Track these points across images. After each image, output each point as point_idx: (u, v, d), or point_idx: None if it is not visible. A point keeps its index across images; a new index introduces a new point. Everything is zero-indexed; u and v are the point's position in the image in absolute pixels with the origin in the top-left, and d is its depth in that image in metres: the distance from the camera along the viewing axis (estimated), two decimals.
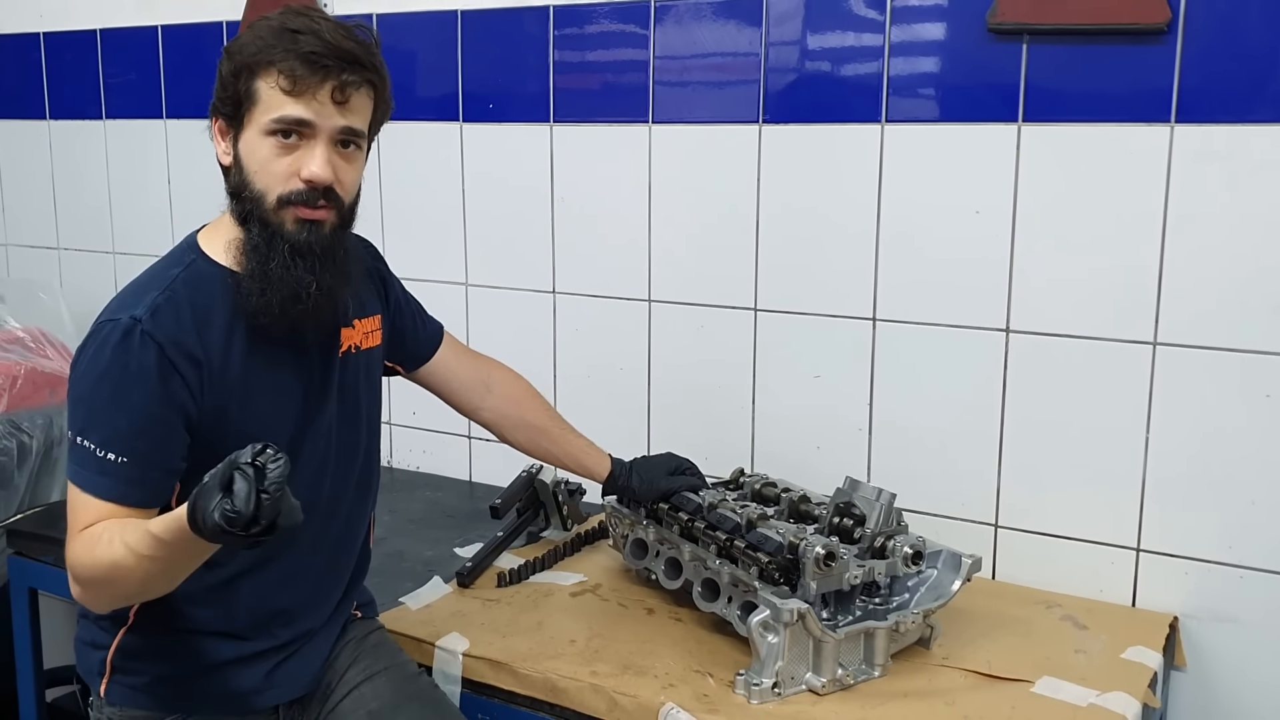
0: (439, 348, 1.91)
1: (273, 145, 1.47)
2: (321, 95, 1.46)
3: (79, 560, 1.43)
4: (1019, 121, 1.99)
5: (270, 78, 1.46)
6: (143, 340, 1.45)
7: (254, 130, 1.48)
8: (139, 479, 1.45)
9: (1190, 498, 1.96)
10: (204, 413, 1.49)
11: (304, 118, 1.46)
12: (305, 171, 1.47)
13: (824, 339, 2.22)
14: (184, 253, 1.58)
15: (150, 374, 1.45)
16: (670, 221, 2.36)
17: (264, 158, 1.48)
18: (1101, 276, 1.97)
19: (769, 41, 2.20)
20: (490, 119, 2.54)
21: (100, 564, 1.40)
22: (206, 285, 1.53)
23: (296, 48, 1.44)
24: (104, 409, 1.45)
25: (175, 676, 1.62)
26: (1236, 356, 1.89)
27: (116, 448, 1.44)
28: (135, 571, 1.37)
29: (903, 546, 1.77)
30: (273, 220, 1.49)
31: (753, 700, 1.66)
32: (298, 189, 1.48)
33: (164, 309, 1.48)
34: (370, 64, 1.50)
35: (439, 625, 1.90)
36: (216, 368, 1.50)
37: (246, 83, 1.47)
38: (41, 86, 3.24)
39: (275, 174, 1.48)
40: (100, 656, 1.64)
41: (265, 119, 1.47)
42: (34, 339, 2.75)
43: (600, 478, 2.00)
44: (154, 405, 1.45)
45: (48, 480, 2.62)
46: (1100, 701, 1.67)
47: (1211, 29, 1.84)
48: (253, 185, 1.49)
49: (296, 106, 1.46)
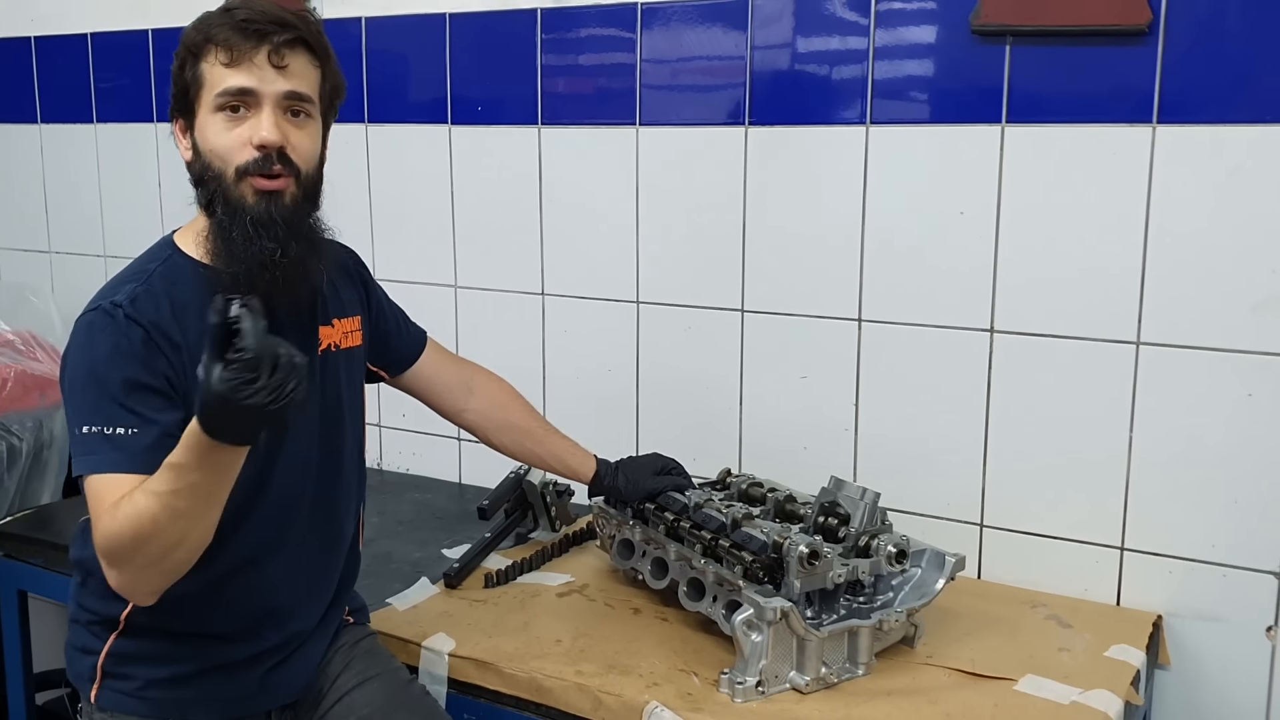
0: (423, 353, 1.92)
1: (222, 120, 1.49)
2: (259, 59, 1.48)
3: (106, 533, 1.39)
4: (1002, 122, 2.01)
5: (210, 56, 1.49)
6: (128, 322, 1.47)
7: (204, 112, 1.50)
8: (151, 445, 1.43)
9: (1173, 497, 1.97)
10: (183, 399, 1.49)
11: (245, 85, 1.48)
12: (255, 138, 1.49)
13: (810, 340, 2.23)
14: (160, 249, 1.60)
15: (138, 349, 1.46)
16: (658, 223, 2.37)
17: (215, 132, 1.50)
18: (1085, 277, 1.98)
19: (754, 45, 2.21)
20: (479, 121, 2.54)
21: (126, 524, 1.36)
22: (182, 278, 1.55)
23: (229, 20, 1.48)
24: (101, 389, 1.45)
25: (167, 681, 1.61)
26: (1219, 356, 1.90)
27: (123, 421, 1.44)
28: (162, 516, 1.34)
29: (887, 545, 1.78)
30: (233, 196, 1.50)
31: (737, 699, 1.67)
32: (252, 157, 1.49)
33: (143, 298, 1.50)
34: (304, 27, 1.52)
35: (425, 625, 1.91)
36: (194, 356, 1.48)
37: (191, 69, 1.50)
38: (33, 90, 3.24)
39: (230, 147, 1.49)
40: (91, 662, 1.63)
41: (210, 96, 1.49)
42: (24, 342, 2.75)
43: (585, 479, 2.00)
44: (146, 377, 1.46)
45: (37, 483, 2.63)
46: (1083, 699, 1.68)
47: (1192, 31, 1.86)
48: (212, 165, 1.51)
49: (237, 75, 1.48)
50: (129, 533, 1.37)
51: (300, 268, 1.53)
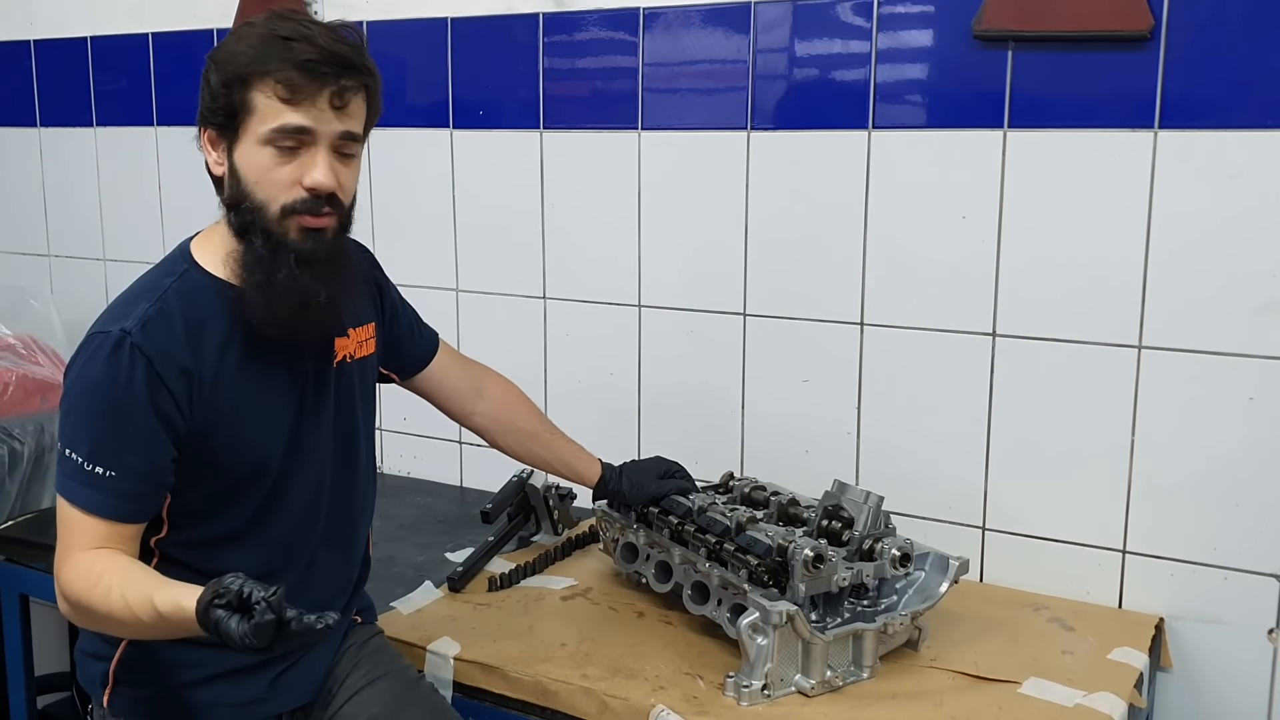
0: (435, 355, 1.91)
1: (271, 154, 1.45)
2: (320, 102, 1.45)
3: (74, 588, 1.43)
4: (1005, 128, 2.01)
5: (266, 87, 1.44)
6: (132, 354, 1.44)
7: (250, 140, 1.46)
8: (126, 493, 1.45)
9: (1175, 500, 1.98)
10: (194, 426, 1.49)
11: (304, 125, 1.45)
12: (308, 179, 1.46)
13: (812, 343, 2.24)
14: (176, 262, 1.56)
15: (138, 388, 1.44)
16: (660, 227, 2.37)
17: (263, 167, 1.46)
18: (1087, 281, 1.99)
19: (757, 48, 2.21)
20: (480, 125, 2.55)
21: (96, 606, 1.41)
22: (199, 297, 1.52)
23: (291, 56, 1.43)
24: (91, 421, 1.45)
25: (179, 686, 1.61)
26: (1220, 360, 1.91)
27: (104, 461, 1.44)
28: (127, 625, 1.40)
29: (891, 549, 1.78)
30: (276, 231, 1.47)
31: (742, 702, 1.67)
32: (301, 198, 1.47)
33: (155, 321, 1.47)
34: (365, 68, 1.49)
35: (430, 629, 1.91)
36: (208, 381, 1.49)
37: (240, 93, 1.45)
38: (32, 94, 3.24)
39: (277, 183, 1.46)
40: (103, 667, 1.62)
41: (263, 129, 1.45)
42: (25, 346, 2.74)
43: (590, 483, 2.01)
44: (141, 419, 1.45)
45: (38, 487, 2.62)
46: (1087, 702, 1.69)
47: (1194, 36, 1.86)
48: (253, 196, 1.47)
49: (296, 115, 1.44)
50: (95, 614, 1.43)
51: (334, 308, 1.53)
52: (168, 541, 1.56)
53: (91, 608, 1.42)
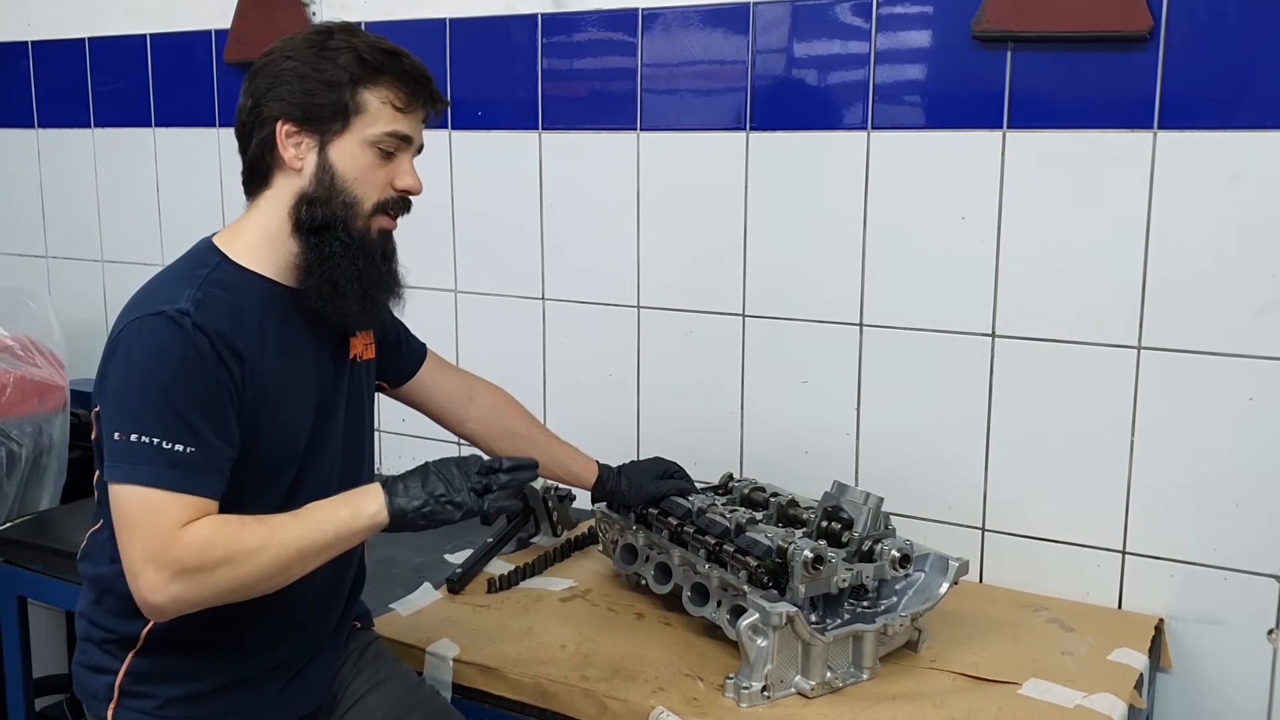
0: (423, 364, 1.92)
1: (374, 156, 1.54)
2: (421, 115, 1.58)
3: (215, 544, 1.41)
4: (1004, 128, 2.01)
5: (383, 91, 1.53)
6: (195, 330, 1.44)
7: (354, 140, 1.53)
8: (210, 467, 1.44)
9: (1175, 501, 1.98)
10: (244, 407, 1.49)
11: (409, 134, 1.56)
12: (401, 183, 1.57)
13: (811, 344, 2.24)
14: (205, 255, 1.56)
15: (208, 361, 1.44)
16: (658, 228, 2.37)
17: (365, 166, 1.54)
18: (1086, 282, 1.99)
19: (756, 49, 2.21)
20: (479, 126, 2.55)
21: (257, 540, 1.43)
22: (236, 285, 1.53)
23: (403, 69, 1.54)
24: (163, 400, 1.42)
25: (187, 698, 1.59)
26: (1220, 360, 1.91)
27: (181, 437, 1.41)
28: (274, 564, 1.44)
29: (890, 550, 1.78)
30: (359, 228, 1.55)
31: (742, 703, 1.67)
32: (392, 198, 1.58)
33: (205, 304, 1.47)
34: (439, 92, 1.62)
35: (429, 631, 1.91)
36: (255, 365, 1.50)
37: (353, 92, 1.52)
38: (30, 95, 3.24)
39: (374, 183, 1.55)
40: (107, 681, 1.59)
41: (373, 131, 1.53)
42: (23, 347, 2.74)
43: (587, 484, 2.00)
44: (213, 392, 1.44)
45: (36, 489, 2.62)
46: (1087, 703, 1.68)
47: (1193, 37, 1.86)
48: (348, 192, 1.54)
49: (405, 123, 1.55)
50: (220, 560, 1.41)
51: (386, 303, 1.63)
52: None
53: (249, 545, 1.42)
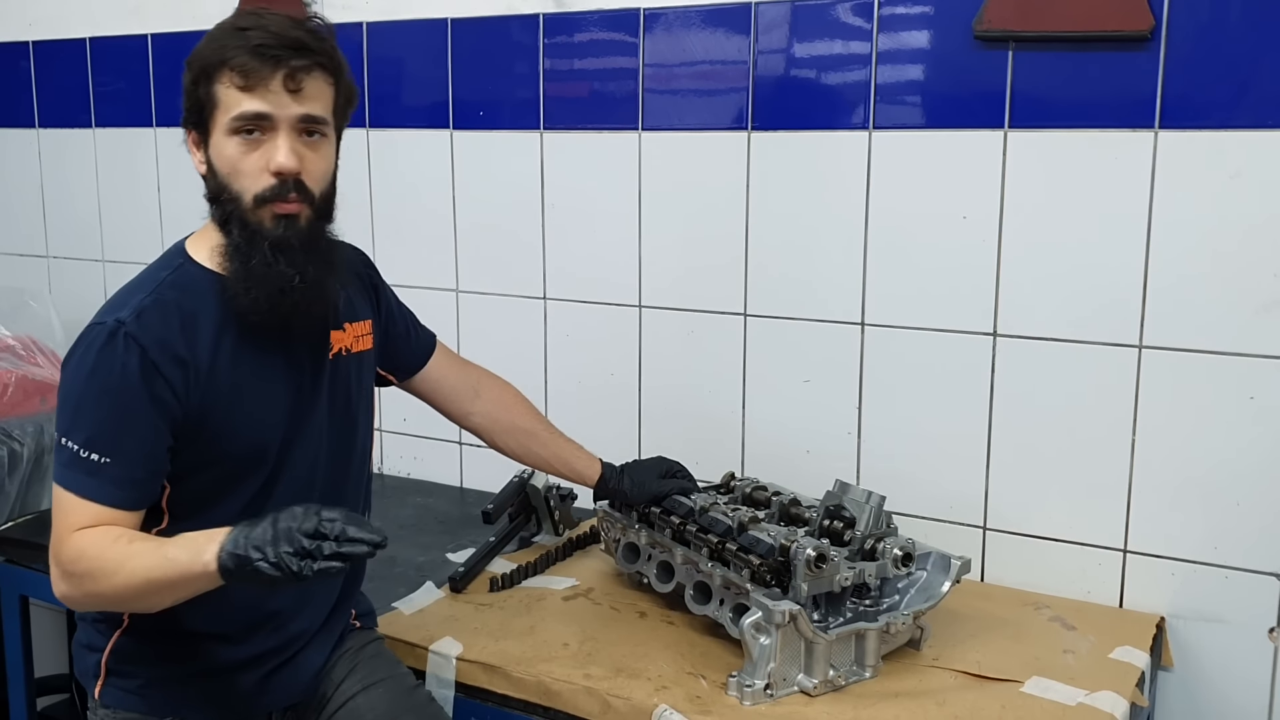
0: (432, 356, 1.92)
1: (238, 144, 1.49)
2: (274, 85, 1.47)
3: (87, 553, 1.45)
4: (1005, 128, 2.02)
5: (225, 78, 1.48)
6: (126, 343, 1.47)
7: (219, 133, 1.50)
8: (124, 479, 1.48)
9: (1176, 499, 1.98)
10: (189, 414, 1.51)
11: (261, 110, 1.47)
12: (272, 164, 1.48)
13: (813, 344, 2.24)
14: (172, 257, 1.60)
15: (133, 376, 1.47)
16: (660, 227, 2.38)
17: (231, 157, 1.50)
18: (1087, 281, 1.99)
19: (757, 49, 2.21)
20: (480, 126, 2.55)
21: (113, 559, 1.43)
22: (194, 288, 1.55)
23: (245, 43, 1.46)
24: (88, 410, 1.48)
25: (169, 679, 1.63)
26: (1221, 359, 1.91)
27: (100, 448, 1.46)
28: (152, 571, 1.42)
29: (892, 548, 1.78)
30: (251, 220, 1.51)
31: (745, 702, 1.67)
32: (270, 185, 1.50)
33: (150, 311, 1.50)
34: (319, 49, 1.51)
35: (432, 629, 1.91)
36: (204, 369, 1.52)
37: (205, 88, 1.50)
38: (31, 95, 3.24)
39: (246, 172, 1.50)
40: (96, 659, 1.65)
41: (226, 119, 1.48)
42: (24, 347, 2.74)
43: (590, 482, 2.01)
44: (137, 405, 1.47)
45: (38, 488, 2.62)
46: (1089, 701, 1.69)
47: (1194, 36, 1.87)
48: (230, 187, 1.51)
49: (252, 101, 1.47)
50: (100, 564, 1.44)
51: (317, 290, 1.55)
52: (167, 533, 1.55)
53: (107, 565, 1.43)
